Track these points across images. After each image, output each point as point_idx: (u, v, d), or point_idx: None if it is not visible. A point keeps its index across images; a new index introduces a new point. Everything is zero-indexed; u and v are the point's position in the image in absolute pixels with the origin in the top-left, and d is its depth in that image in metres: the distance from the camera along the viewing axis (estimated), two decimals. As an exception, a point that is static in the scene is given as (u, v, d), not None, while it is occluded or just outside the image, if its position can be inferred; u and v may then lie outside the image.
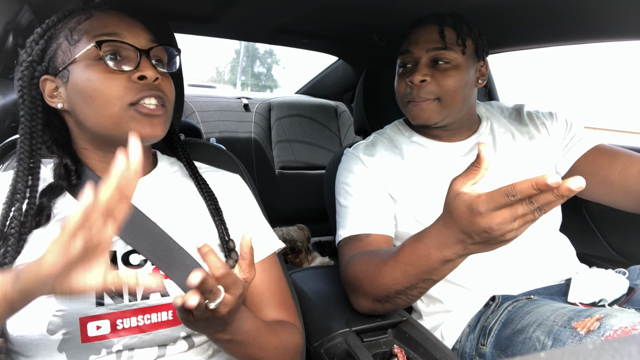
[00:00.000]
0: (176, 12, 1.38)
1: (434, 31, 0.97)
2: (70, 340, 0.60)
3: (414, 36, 1.00)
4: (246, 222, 0.80)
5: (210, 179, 0.80)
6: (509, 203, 0.55)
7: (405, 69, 1.02)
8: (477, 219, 0.58)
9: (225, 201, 0.78)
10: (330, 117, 2.51)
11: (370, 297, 0.83)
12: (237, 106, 2.41)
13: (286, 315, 0.77)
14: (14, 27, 0.87)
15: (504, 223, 0.57)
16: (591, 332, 0.69)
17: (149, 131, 0.66)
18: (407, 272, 0.74)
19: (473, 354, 0.89)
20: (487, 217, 0.57)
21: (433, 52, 0.97)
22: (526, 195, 0.54)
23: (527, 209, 0.55)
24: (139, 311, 0.63)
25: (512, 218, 0.56)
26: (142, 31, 0.70)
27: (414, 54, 0.99)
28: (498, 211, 0.56)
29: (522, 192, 0.54)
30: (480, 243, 0.62)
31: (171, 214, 0.72)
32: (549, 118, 1.11)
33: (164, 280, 0.66)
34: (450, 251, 0.66)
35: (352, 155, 1.06)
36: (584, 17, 1.17)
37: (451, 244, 0.66)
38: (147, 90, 0.66)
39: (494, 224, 0.57)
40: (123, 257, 0.66)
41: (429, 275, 0.72)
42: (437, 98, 0.97)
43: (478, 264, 0.96)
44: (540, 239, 1.01)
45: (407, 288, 0.76)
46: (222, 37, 1.78)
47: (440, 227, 0.67)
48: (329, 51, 2.15)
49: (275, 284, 0.78)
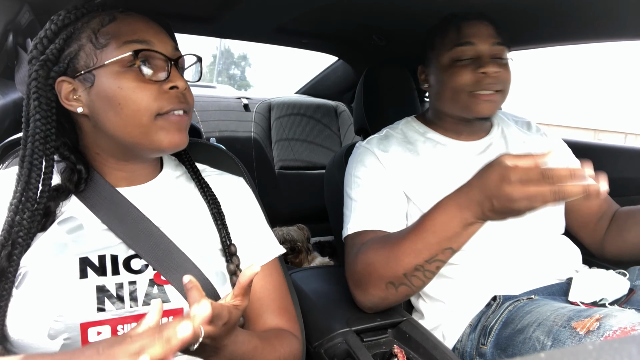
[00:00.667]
0: (176, 12, 1.38)
1: (491, 27, 0.99)
2: (71, 346, 0.59)
3: (473, 29, 0.99)
4: (248, 226, 0.79)
5: (214, 182, 0.79)
6: (539, 181, 0.60)
7: (465, 61, 1.00)
8: (504, 186, 0.63)
9: (228, 205, 0.78)
10: (330, 117, 2.51)
11: (384, 281, 0.82)
12: (237, 106, 2.41)
13: (286, 322, 0.77)
14: (14, 27, 0.87)
15: (527, 198, 0.61)
16: (590, 332, 0.69)
17: (177, 140, 0.67)
18: (428, 241, 0.76)
19: (473, 354, 0.89)
20: (514, 186, 0.62)
21: (497, 47, 0.98)
22: (559, 180, 0.59)
23: (552, 190, 0.59)
24: (140, 317, 0.63)
25: (536, 195, 0.60)
26: (168, 39, 0.69)
27: (477, 46, 0.98)
28: (526, 185, 0.61)
29: (558, 176, 0.59)
30: (496, 211, 0.66)
31: (174, 218, 0.72)
32: (556, 139, 1.16)
33: (165, 287, 0.66)
34: (470, 212, 0.70)
35: (366, 149, 1.06)
36: (584, 17, 1.17)
37: (471, 206, 0.70)
38: (177, 102, 0.66)
39: (517, 195, 0.62)
40: (124, 262, 0.66)
41: (449, 242, 0.74)
42: (501, 90, 0.99)
43: (479, 263, 0.96)
44: (541, 239, 1.01)
45: (426, 261, 0.77)
46: (222, 37, 1.78)
47: (464, 190, 0.72)
48: (329, 51, 2.15)
49: (276, 290, 0.78)
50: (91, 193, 0.68)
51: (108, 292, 0.62)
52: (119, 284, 0.63)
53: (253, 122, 2.36)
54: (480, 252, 0.97)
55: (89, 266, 0.63)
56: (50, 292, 0.60)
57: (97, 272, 0.63)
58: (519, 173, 0.62)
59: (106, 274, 0.63)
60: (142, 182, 0.73)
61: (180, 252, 0.68)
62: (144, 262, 0.66)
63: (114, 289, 0.63)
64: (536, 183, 0.60)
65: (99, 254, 0.64)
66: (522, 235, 0.99)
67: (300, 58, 10.93)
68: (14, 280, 0.60)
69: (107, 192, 0.69)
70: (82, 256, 0.63)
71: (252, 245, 0.78)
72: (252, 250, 0.78)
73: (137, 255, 0.67)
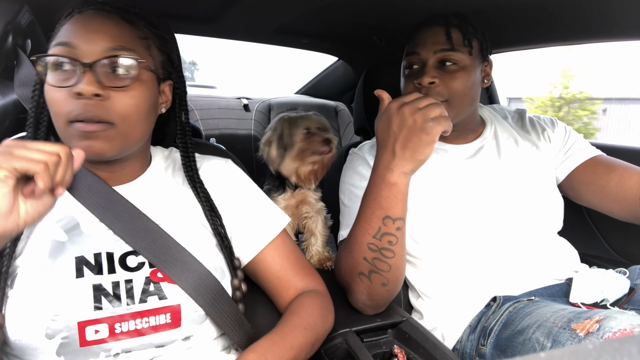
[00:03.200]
0: (177, 12, 1.38)
1: (441, 32, 0.97)
2: (69, 345, 0.60)
3: (420, 37, 0.99)
4: (249, 205, 0.80)
5: (204, 169, 0.80)
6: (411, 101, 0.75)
7: (411, 71, 1.01)
8: (392, 117, 0.75)
9: (221, 189, 0.78)
10: (330, 117, 2.51)
11: (355, 273, 0.83)
12: (237, 106, 2.41)
13: (310, 280, 0.81)
14: (13, 28, 0.87)
15: (411, 113, 0.73)
16: (590, 334, 0.69)
17: (85, 149, 0.60)
18: (366, 214, 0.79)
19: (473, 354, 0.89)
20: (398, 113, 0.75)
21: (441, 54, 0.96)
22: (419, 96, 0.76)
23: (425, 102, 0.74)
24: (137, 315, 0.63)
25: (415, 108, 0.73)
26: (102, 39, 0.63)
27: (421, 55, 0.98)
28: (404, 106, 0.74)
29: (415, 95, 0.76)
30: (404, 143, 0.74)
31: (169, 213, 0.72)
32: (550, 125, 1.13)
33: (161, 284, 0.66)
34: (385, 167, 0.76)
35: (358, 156, 1.06)
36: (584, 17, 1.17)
37: (384, 161, 0.77)
38: (82, 109, 0.61)
39: (404, 114, 0.73)
40: (120, 259, 0.66)
41: (382, 210, 0.77)
42: (446, 100, 0.96)
43: (478, 264, 0.97)
44: (539, 239, 1.01)
45: (374, 237, 0.78)
46: (222, 37, 1.78)
47: (377, 152, 0.80)
48: (329, 51, 2.15)
49: (291, 254, 0.81)
50: (87, 192, 0.68)
51: (104, 290, 0.63)
52: (115, 283, 0.64)
53: (253, 122, 2.36)
54: (479, 252, 0.97)
55: (85, 265, 0.63)
56: (46, 292, 0.60)
57: (93, 270, 0.63)
58: (393, 102, 0.76)
59: (102, 272, 0.64)
60: (129, 179, 0.73)
61: (179, 247, 0.68)
62: (139, 259, 0.67)
63: (110, 287, 0.63)
64: (421, 105, 0.73)
65: (95, 252, 0.65)
66: (521, 235, 0.99)
67: (243, 57, 10.67)
68: (6, 279, 0.61)
69: (104, 191, 0.69)
70: (78, 255, 0.64)
71: (257, 223, 0.79)
72: (259, 228, 0.79)
73: (133, 253, 0.67)
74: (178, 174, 0.79)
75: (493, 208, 1.00)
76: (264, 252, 0.78)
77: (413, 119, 0.72)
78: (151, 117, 0.71)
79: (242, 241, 0.78)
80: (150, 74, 0.68)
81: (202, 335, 0.69)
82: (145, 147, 0.76)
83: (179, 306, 0.66)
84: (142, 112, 0.66)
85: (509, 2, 1.14)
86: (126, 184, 0.73)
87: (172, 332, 0.65)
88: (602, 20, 1.15)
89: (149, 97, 0.67)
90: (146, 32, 0.69)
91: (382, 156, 0.78)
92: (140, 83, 0.65)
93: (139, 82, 0.65)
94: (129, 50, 0.64)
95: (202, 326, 0.68)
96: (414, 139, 0.72)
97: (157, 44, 0.71)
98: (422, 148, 0.73)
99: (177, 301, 0.66)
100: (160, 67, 0.71)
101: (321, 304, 0.77)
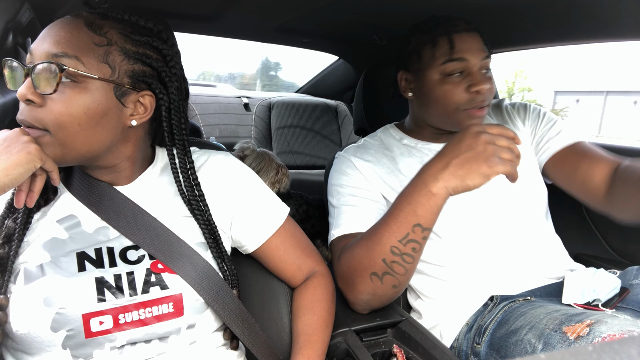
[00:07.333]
0: (177, 11, 1.38)
1: (479, 38, 0.97)
2: (74, 337, 0.61)
3: (464, 44, 0.96)
4: (250, 199, 0.80)
5: (204, 164, 0.79)
6: (503, 146, 0.73)
7: (457, 76, 0.97)
8: (467, 137, 0.74)
9: (227, 183, 0.79)
10: (330, 117, 2.51)
11: (368, 272, 0.82)
12: (237, 105, 2.41)
13: (314, 262, 0.85)
14: (14, 26, 0.87)
15: (486, 142, 0.72)
16: (580, 337, 0.70)
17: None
18: (397, 218, 0.78)
19: (469, 353, 0.90)
20: (475, 136, 0.73)
21: (484, 61, 0.97)
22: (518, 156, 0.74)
23: (504, 143, 0.73)
24: (140, 305, 0.64)
25: (492, 141, 0.72)
26: (47, 44, 0.61)
27: (470, 62, 0.96)
28: (490, 143, 0.72)
29: (518, 153, 0.74)
30: (462, 163, 0.72)
31: (167, 209, 0.73)
32: (523, 110, 1.13)
33: (162, 274, 0.67)
34: (432, 174, 0.75)
35: (343, 157, 1.06)
36: (584, 17, 1.17)
37: (433, 168, 0.75)
38: (22, 115, 0.61)
39: (479, 139, 0.72)
40: (120, 253, 0.67)
41: (416, 217, 0.76)
42: (489, 104, 0.98)
43: (475, 263, 0.97)
44: (536, 238, 1.01)
45: (400, 241, 0.77)
46: (222, 36, 1.78)
47: (430, 161, 0.78)
48: (329, 50, 2.15)
49: (295, 239, 0.84)
50: (87, 192, 0.69)
51: (107, 283, 0.64)
52: (117, 275, 0.65)
53: (253, 122, 2.36)
54: (476, 251, 0.97)
55: (87, 259, 0.65)
56: (50, 286, 0.61)
57: (95, 264, 0.65)
58: (478, 126, 0.75)
59: (104, 266, 0.65)
60: (129, 181, 0.73)
61: (181, 241, 0.70)
62: (140, 252, 0.68)
63: (112, 280, 0.64)
64: (499, 143, 0.72)
65: (95, 247, 0.66)
66: (518, 235, 0.99)
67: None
68: (10, 276, 0.62)
69: (105, 190, 0.70)
70: (79, 251, 0.65)
71: (261, 216, 0.80)
72: (263, 220, 0.80)
73: (133, 247, 0.68)
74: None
75: (490, 207, 1.00)
76: (269, 240, 0.80)
77: (484, 147, 0.71)
78: (105, 127, 0.64)
79: (248, 232, 0.79)
80: (101, 82, 0.62)
81: (204, 325, 0.70)
82: (135, 151, 0.72)
83: (181, 295, 0.67)
84: (83, 121, 0.62)
85: (509, 2, 1.14)
86: (126, 184, 0.73)
87: (175, 321, 0.66)
88: (602, 20, 1.15)
89: (93, 107, 0.62)
90: (113, 39, 0.64)
91: (433, 164, 0.76)
92: (80, 91, 0.61)
93: (78, 90, 0.61)
94: (70, 57, 0.60)
95: (204, 315, 0.70)
96: (474, 164, 0.71)
97: (128, 52, 0.65)
98: (475, 175, 0.71)
99: (179, 290, 0.67)
100: (127, 76, 0.65)
101: (326, 286, 0.83)
